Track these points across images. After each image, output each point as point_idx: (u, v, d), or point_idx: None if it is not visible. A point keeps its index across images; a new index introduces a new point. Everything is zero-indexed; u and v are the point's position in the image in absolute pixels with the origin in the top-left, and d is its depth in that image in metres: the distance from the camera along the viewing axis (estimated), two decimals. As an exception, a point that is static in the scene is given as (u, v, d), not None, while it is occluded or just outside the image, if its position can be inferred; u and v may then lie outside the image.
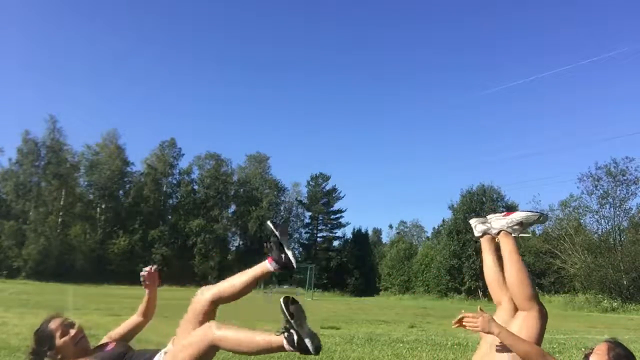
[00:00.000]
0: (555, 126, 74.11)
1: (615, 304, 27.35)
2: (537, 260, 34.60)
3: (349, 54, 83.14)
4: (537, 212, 2.72)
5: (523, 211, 2.79)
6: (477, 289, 39.09)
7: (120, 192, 51.18)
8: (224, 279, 2.58)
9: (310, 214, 58.09)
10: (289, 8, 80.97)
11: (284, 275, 46.68)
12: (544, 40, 74.18)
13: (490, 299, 2.80)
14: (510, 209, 34.67)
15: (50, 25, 71.68)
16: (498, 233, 2.76)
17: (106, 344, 2.73)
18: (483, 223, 2.90)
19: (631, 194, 32.42)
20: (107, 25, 73.42)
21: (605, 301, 27.71)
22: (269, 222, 2.43)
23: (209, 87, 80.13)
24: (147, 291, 2.85)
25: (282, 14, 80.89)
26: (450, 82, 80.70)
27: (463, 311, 2.21)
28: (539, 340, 2.41)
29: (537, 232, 38.18)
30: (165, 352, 2.39)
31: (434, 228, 57.50)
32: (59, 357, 2.54)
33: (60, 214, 45.61)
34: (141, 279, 2.76)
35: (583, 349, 5.80)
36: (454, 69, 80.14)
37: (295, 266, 2.31)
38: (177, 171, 54.24)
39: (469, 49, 78.53)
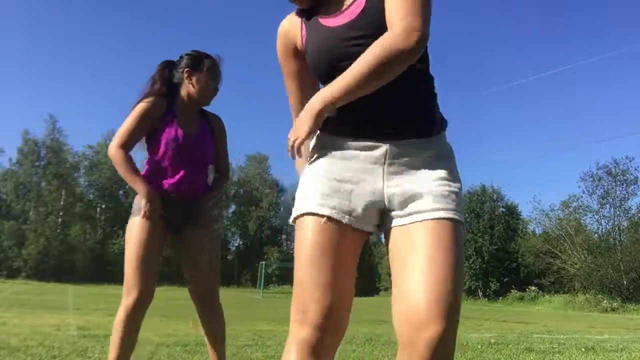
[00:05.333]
0: (555, 126, 74.13)
1: (615, 304, 27.38)
2: (537, 260, 34.62)
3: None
4: None
5: None
6: (477, 289, 39.11)
7: (120, 192, 51.20)
8: (223, 279, 2.55)
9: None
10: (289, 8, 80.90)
11: (284, 275, 46.74)
12: (544, 40, 74.23)
13: (490, 299, 2.76)
14: (511, 209, 34.47)
15: (51, 26, 71.71)
16: None
17: None
18: None
19: (631, 194, 32.48)
20: (107, 25, 73.46)
21: (605, 301, 27.74)
22: None
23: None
24: None
25: (281, 14, 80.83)
26: (450, 81, 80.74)
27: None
28: None
29: (537, 232, 38.25)
30: None
31: (434, 228, 57.41)
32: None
33: (60, 214, 45.63)
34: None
35: (583, 349, 5.82)
36: (454, 69, 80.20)
37: None
38: (177, 171, 54.27)
39: (469, 49, 78.59)
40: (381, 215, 1.29)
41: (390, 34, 1.17)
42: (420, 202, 1.23)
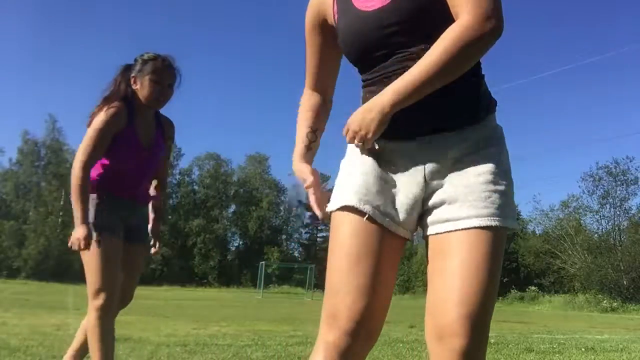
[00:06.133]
0: (555, 126, 74.07)
1: (615, 304, 27.37)
2: (537, 260, 34.61)
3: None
4: None
5: None
6: (477, 289, 39.10)
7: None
8: (223, 279, 2.58)
9: (310, 213, 58.14)
10: (291, 5, 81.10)
11: (284, 275, 46.82)
12: (543, 40, 74.21)
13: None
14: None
15: (50, 25, 71.70)
16: None
17: None
18: None
19: (631, 194, 32.49)
20: (107, 24, 73.48)
21: (605, 301, 27.72)
22: None
23: (208, 86, 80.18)
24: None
25: (283, 12, 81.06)
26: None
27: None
28: None
29: (537, 232, 38.24)
30: None
31: (434, 228, 57.34)
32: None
33: (60, 214, 45.61)
34: None
35: (583, 349, 5.82)
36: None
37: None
38: (177, 171, 54.30)
39: (469, 49, 78.44)
40: (419, 219, 1.22)
41: (460, 22, 1.09)
42: (457, 208, 1.14)
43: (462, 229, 1.12)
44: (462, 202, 1.14)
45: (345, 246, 1.17)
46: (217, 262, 49.15)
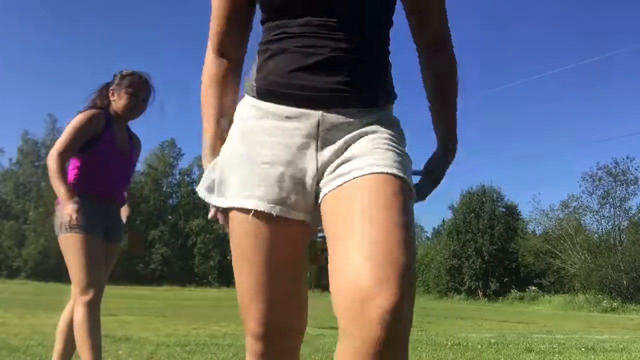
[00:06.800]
0: (555, 126, 74.09)
1: (615, 304, 27.37)
2: (537, 260, 34.61)
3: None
4: None
5: None
6: (477, 289, 39.11)
7: (120, 192, 51.23)
8: (223, 279, 2.64)
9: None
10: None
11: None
12: (544, 40, 74.21)
13: (490, 299, 2.75)
14: (511, 209, 34.47)
15: (51, 25, 71.72)
16: None
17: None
18: None
19: (631, 194, 32.49)
20: (107, 24, 73.48)
21: (605, 301, 27.73)
22: None
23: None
24: None
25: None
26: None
27: None
28: None
29: (537, 232, 38.23)
30: None
31: (433, 228, 57.51)
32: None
33: (61, 214, 45.70)
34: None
35: (583, 349, 5.82)
36: (454, 69, 79.97)
37: None
38: (177, 171, 54.35)
39: (468, 49, 78.62)
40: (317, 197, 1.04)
41: (451, 57, 1.25)
42: (354, 162, 0.98)
43: (364, 175, 0.95)
44: (361, 157, 0.99)
45: (237, 248, 1.08)
46: (217, 262, 49.14)
